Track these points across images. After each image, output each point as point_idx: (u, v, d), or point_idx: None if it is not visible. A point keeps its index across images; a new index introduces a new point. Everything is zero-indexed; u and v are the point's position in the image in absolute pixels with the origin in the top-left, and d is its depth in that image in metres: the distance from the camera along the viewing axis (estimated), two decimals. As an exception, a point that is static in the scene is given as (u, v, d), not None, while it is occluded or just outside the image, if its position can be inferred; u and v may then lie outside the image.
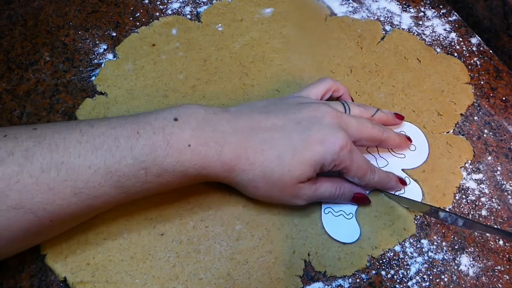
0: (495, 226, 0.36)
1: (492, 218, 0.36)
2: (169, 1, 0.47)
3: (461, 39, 0.47)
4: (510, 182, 0.38)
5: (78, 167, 0.27)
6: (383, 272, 0.33)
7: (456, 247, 0.35)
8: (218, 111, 0.32)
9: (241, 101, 0.41)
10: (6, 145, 0.27)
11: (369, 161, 0.35)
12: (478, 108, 0.42)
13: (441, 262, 0.34)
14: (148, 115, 0.31)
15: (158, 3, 0.47)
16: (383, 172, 0.36)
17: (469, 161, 0.39)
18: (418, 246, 0.35)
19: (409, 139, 0.38)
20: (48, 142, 0.27)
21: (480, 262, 0.34)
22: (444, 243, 0.35)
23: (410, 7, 0.49)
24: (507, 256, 0.35)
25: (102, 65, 0.42)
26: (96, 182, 0.28)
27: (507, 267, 0.34)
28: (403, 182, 0.36)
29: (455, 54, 0.46)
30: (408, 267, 0.34)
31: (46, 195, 0.27)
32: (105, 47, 0.44)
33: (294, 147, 0.31)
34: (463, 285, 0.33)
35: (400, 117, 0.39)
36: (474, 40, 0.47)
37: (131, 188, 0.29)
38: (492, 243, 0.35)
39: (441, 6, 0.49)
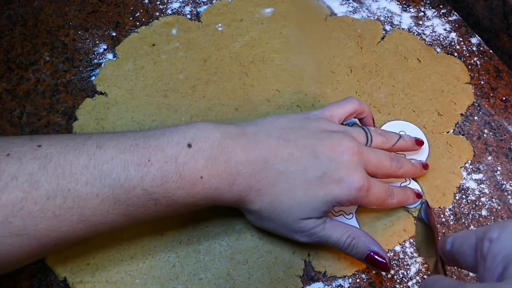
0: None
1: (492, 218, 0.36)
2: (169, 1, 0.47)
3: (461, 39, 0.47)
4: (510, 182, 0.38)
5: (85, 195, 0.26)
6: (383, 272, 0.33)
7: (456, 247, 0.35)
8: (234, 135, 0.30)
9: (241, 101, 0.41)
10: (10, 168, 0.25)
11: (387, 186, 0.33)
12: (478, 108, 0.42)
13: (441, 262, 0.34)
14: (160, 137, 0.29)
15: (158, 3, 0.47)
16: (401, 191, 0.34)
17: (469, 161, 0.39)
18: (418, 246, 0.35)
19: (425, 166, 0.37)
20: (53, 165, 0.26)
21: (480, 262, 0.34)
22: (444, 243, 0.35)
23: (410, 7, 0.49)
24: (507, 256, 0.35)
25: (102, 65, 0.42)
26: (103, 210, 0.27)
27: (507, 267, 0.34)
28: (419, 196, 0.35)
29: (455, 54, 0.46)
30: (408, 267, 0.34)
31: (51, 222, 0.26)
32: (105, 47, 0.44)
33: (309, 183, 0.30)
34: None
35: (420, 143, 0.37)
36: (474, 40, 0.47)
37: (139, 216, 0.29)
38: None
39: (441, 6, 0.49)
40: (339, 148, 0.31)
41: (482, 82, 0.44)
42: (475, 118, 0.42)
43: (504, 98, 0.43)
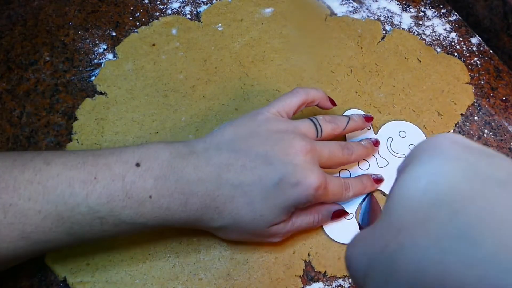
0: None
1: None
2: (169, 1, 0.47)
3: (461, 39, 0.47)
4: (510, 182, 0.38)
5: (27, 210, 0.25)
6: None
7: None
8: (184, 154, 0.30)
9: (241, 101, 0.41)
10: None
11: (342, 180, 0.33)
12: (478, 108, 0.42)
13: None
14: (109, 155, 0.28)
15: (158, 3, 0.47)
16: (357, 181, 0.35)
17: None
18: (418, 246, 0.35)
19: (376, 143, 0.38)
20: None
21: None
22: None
23: (410, 7, 0.49)
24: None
25: (102, 65, 0.42)
26: (46, 227, 0.26)
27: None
28: (378, 181, 0.36)
29: (455, 54, 0.46)
30: (408, 267, 0.34)
31: None
32: (105, 47, 0.44)
33: (267, 192, 0.29)
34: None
35: (369, 119, 0.37)
36: (474, 40, 0.47)
37: (85, 235, 0.27)
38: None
39: (441, 6, 0.49)
40: (292, 150, 0.30)
41: (482, 82, 0.44)
42: (475, 118, 0.42)
43: (504, 98, 0.43)
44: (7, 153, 0.28)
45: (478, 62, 0.45)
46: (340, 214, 0.34)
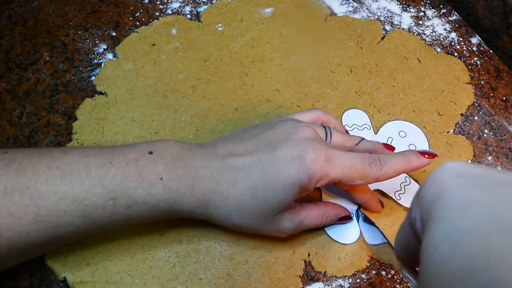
0: None
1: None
2: (169, 1, 0.47)
3: (461, 39, 0.47)
4: (510, 182, 0.38)
5: (43, 193, 0.26)
6: (383, 272, 0.33)
7: (456, 247, 0.35)
8: (193, 147, 0.31)
9: (241, 101, 0.41)
10: None
11: (363, 154, 0.30)
12: (478, 108, 0.42)
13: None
14: (123, 147, 0.30)
15: (158, 3, 0.47)
16: (395, 155, 0.32)
17: (470, 161, 0.39)
18: (418, 246, 0.35)
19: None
20: (16, 166, 0.26)
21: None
22: (444, 243, 0.35)
23: (410, 7, 0.49)
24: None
25: (102, 65, 0.42)
26: (60, 210, 0.27)
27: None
28: (431, 156, 0.32)
29: (455, 54, 0.46)
30: (408, 267, 0.34)
31: (5, 221, 0.25)
32: (105, 47, 0.44)
33: (266, 173, 0.29)
34: (463, 285, 0.33)
35: (391, 148, 0.35)
36: (474, 40, 0.47)
37: (97, 219, 0.28)
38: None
39: (441, 6, 0.49)
40: (293, 130, 0.30)
41: (482, 82, 0.44)
42: (475, 118, 0.42)
43: (504, 98, 0.43)
44: (25, 148, 0.30)
45: (478, 62, 0.45)
46: (346, 218, 0.34)
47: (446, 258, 0.16)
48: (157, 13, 0.46)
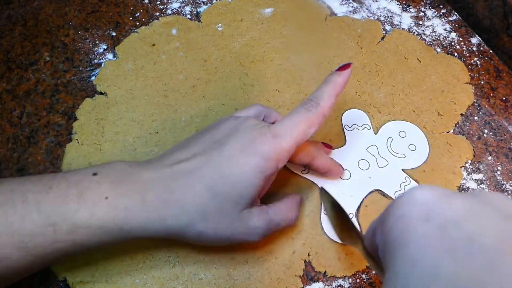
0: None
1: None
2: (169, 1, 0.47)
3: (461, 39, 0.47)
4: (510, 182, 0.38)
5: None
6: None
7: (456, 247, 0.35)
8: (141, 163, 0.30)
9: (241, 101, 0.41)
10: None
11: (297, 107, 0.31)
12: (478, 108, 0.42)
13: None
14: (67, 172, 0.28)
15: (158, 3, 0.47)
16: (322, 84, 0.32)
17: (469, 161, 0.39)
18: (418, 246, 0.35)
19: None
20: None
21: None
22: (444, 243, 0.35)
23: (410, 7, 0.49)
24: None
25: (102, 65, 0.42)
26: None
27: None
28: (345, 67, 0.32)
29: (455, 54, 0.46)
30: (408, 267, 0.34)
31: None
32: (105, 47, 0.44)
33: (220, 169, 0.28)
34: (463, 285, 0.33)
35: (329, 147, 0.37)
36: (474, 40, 0.47)
37: (37, 249, 0.25)
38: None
39: (441, 6, 0.49)
40: (236, 123, 0.30)
41: (482, 82, 0.44)
42: (475, 118, 0.42)
43: (504, 98, 0.43)
44: None
45: (478, 62, 0.45)
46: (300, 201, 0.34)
47: None
48: (157, 13, 0.46)
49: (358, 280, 0.33)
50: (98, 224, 0.26)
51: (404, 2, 0.49)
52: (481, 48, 0.46)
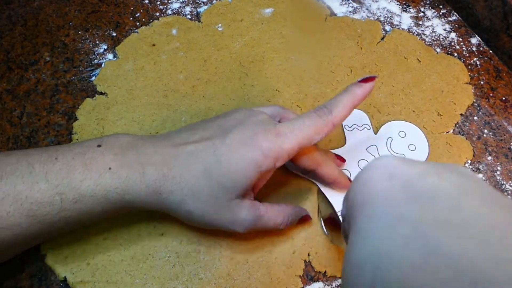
0: None
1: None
2: (169, 1, 0.47)
3: (461, 39, 0.47)
4: (510, 182, 0.38)
5: None
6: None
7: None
8: (145, 137, 0.31)
9: (241, 101, 0.41)
10: None
11: (309, 111, 0.30)
12: (478, 108, 0.42)
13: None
14: (71, 144, 0.29)
15: (158, 3, 0.47)
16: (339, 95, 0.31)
17: (469, 161, 0.39)
18: (418, 246, 0.35)
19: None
20: None
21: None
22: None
23: (410, 7, 0.49)
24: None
25: (102, 65, 0.42)
26: (3, 211, 0.25)
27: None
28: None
29: (455, 54, 0.46)
30: (408, 267, 0.34)
31: None
32: (105, 47, 0.44)
33: (219, 155, 0.28)
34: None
35: (341, 159, 0.36)
36: (474, 40, 0.47)
37: (45, 217, 0.26)
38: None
39: (441, 6, 0.49)
40: (247, 115, 0.30)
41: (482, 82, 0.44)
42: (475, 118, 0.42)
43: (504, 98, 0.43)
44: None
45: (478, 62, 0.45)
46: (306, 219, 0.34)
47: (368, 285, 0.17)
48: (157, 13, 0.46)
49: (358, 280, 0.33)
50: (101, 193, 0.27)
51: (404, 2, 0.49)
52: (481, 48, 0.47)
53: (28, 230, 0.26)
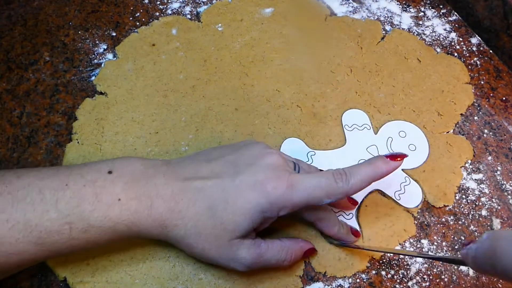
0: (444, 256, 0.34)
1: (492, 218, 0.36)
2: (169, 1, 0.47)
3: (461, 39, 0.47)
4: (510, 182, 0.38)
5: None
6: (383, 272, 0.33)
7: (456, 247, 0.35)
8: (157, 165, 0.30)
9: (241, 101, 0.41)
10: None
11: (329, 171, 0.30)
12: (478, 108, 0.42)
13: (441, 262, 0.34)
14: (82, 167, 0.29)
15: (158, 3, 0.47)
16: (361, 166, 0.30)
17: (469, 161, 0.39)
18: (418, 246, 0.35)
19: (355, 233, 0.34)
20: None
21: (480, 262, 0.34)
22: (444, 243, 0.35)
23: (410, 7, 0.49)
24: (507, 256, 0.35)
25: (102, 65, 0.42)
26: (13, 238, 0.25)
27: (507, 267, 0.34)
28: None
29: (455, 54, 0.46)
30: (408, 267, 0.34)
31: None
32: (105, 47, 0.44)
33: (227, 195, 0.28)
34: (463, 285, 0.33)
35: (353, 202, 0.35)
36: (474, 40, 0.47)
37: (53, 245, 0.27)
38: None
39: (441, 6, 0.49)
40: (260, 155, 0.30)
41: (482, 82, 0.44)
42: (475, 118, 0.42)
43: (504, 98, 0.43)
44: None
45: (478, 62, 0.45)
46: (311, 252, 0.33)
47: None
48: (157, 13, 0.46)
49: (358, 280, 0.33)
50: (110, 225, 0.28)
51: (404, 2, 0.49)
52: (481, 48, 0.46)
53: (35, 256, 0.27)
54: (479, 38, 0.47)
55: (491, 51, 0.46)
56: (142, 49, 0.43)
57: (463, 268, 0.34)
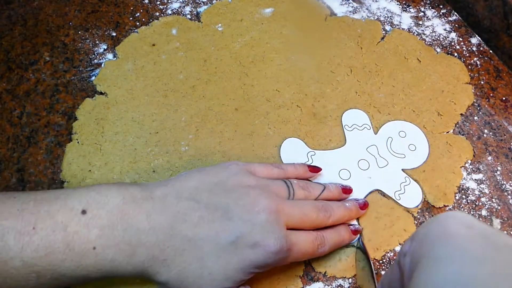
0: None
1: (492, 218, 0.36)
2: (169, 1, 0.47)
3: (461, 39, 0.47)
4: (510, 182, 0.38)
5: None
6: (383, 272, 0.33)
7: (456, 247, 0.35)
8: (138, 199, 0.27)
9: (241, 101, 0.41)
10: None
11: (315, 234, 0.31)
12: (478, 108, 0.42)
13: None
14: (53, 201, 0.26)
15: (158, 3, 0.47)
16: (334, 233, 0.32)
17: (469, 161, 0.39)
18: (418, 246, 0.35)
19: (363, 206, 0.35)
20: None
21: (480, 262, 0.34)
22: (444, 243, 0.35)
23: (410, 7, 0.49)
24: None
25: (102, 65, 0.42)
26: None
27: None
28: (356, 232, 0.34)
29: (455, 54, 0.46)
30: (408, 267, 0.34)
31: None
32: (105, 47, 0.44)
33: (221, 249, 0.27)
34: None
35: (347, 191, 0.35)
36: (474, 40, 0.47)
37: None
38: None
39: (441, 6, 0.49)
40: (255, 208, 0.28)
41: (482, 82, 0.44)
42: (475, 118, 0.42)
43: (504, 98, 0.43)
44: None
45: (478, 62, 0.45)
46: None
47: None
48: (157, 13, 0.46)
49: (358, 280, 0.33)
50: (83, 274, 0.26)
51: (404, 2, 0.49)
52: (481, 48, 0.46)
53: None
54: (479, 38, 0.47)
55: (491, 51, 0.46)
56: (142, 49, 0.43)
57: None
